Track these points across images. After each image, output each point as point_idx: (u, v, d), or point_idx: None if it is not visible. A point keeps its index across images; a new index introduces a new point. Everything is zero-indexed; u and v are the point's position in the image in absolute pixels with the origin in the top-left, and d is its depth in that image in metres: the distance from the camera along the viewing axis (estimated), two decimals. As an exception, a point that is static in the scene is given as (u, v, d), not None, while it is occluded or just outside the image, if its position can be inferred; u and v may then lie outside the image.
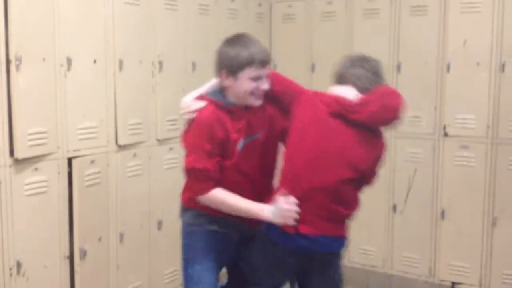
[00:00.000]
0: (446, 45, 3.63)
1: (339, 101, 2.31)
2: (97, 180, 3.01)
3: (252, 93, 2.29)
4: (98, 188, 3.02)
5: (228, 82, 2.32)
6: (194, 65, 3.61)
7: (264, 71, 2.30)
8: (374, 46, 3.86)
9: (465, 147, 3.61)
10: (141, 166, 3.29)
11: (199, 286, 2.37)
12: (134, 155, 3.24)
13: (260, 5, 4.17)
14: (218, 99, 2.34)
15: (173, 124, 3.47)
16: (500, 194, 3.52)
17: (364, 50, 3.85)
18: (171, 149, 3.47)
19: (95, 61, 3.01)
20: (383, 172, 3.82)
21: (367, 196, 3.08)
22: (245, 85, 2.27)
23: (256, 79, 2.28)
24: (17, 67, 2.59)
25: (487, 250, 3.59)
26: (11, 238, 2.64)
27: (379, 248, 3.96)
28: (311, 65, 4.14)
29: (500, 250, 3.56)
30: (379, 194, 3.90)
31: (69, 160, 2.88)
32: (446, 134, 3.67)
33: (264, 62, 2.29)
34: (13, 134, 2.61)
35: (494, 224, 3.56)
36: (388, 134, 3.80)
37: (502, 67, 3.48)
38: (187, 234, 2.46)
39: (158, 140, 3.40)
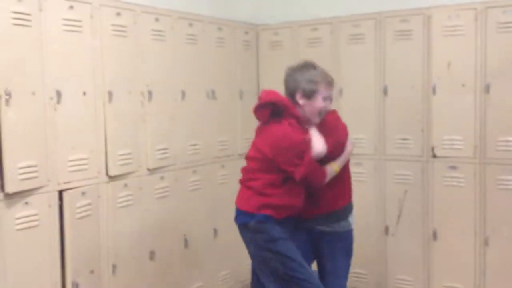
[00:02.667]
0: (431, 68, 3.70)
1: None
2: (88, 212, 3.00)
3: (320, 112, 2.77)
4: (89, 220, 3.01)
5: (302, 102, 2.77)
6: (183, 94, 3.64)
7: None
8: (360, 71, 3.95)
9: (453, 168, 3.65)
10: (132, 196, 3.28)
11: None
12: (125, 185, 3.24)
13: (246, 33, 4.23)
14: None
15: (164, 153, 3.48)
16: (490, 213, 3.55)
17: (351, 75, 3.99)
18: (162, 178, 3.48)
19: (84, 93, 3.02)
20: (372, 194, 3.91)
21: (358, 218, 3.12)
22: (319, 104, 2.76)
23: (325, 99, 2.77)
24: (7, 101, 2.60)
25: (480, 270, 3.60)
26: (2, 273, 2.61)
27: (372, 271, 3.97)
28: (298, 90, 4.18)
29: (493, 269, 3.57)
30: (370, 216, 3.93)
31: (60, 193, 2.87)
32: (434, 156, 3.71)
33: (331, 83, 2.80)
34: (3, 168, 2.60)
35: (486, 243, 3.58)
36: (378, 157, 3.89)
37: (487, 88, 3.54)
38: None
39: (148, 169, 3.40)
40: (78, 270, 2.93)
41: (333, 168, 2.83)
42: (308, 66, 2.82)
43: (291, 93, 2.82)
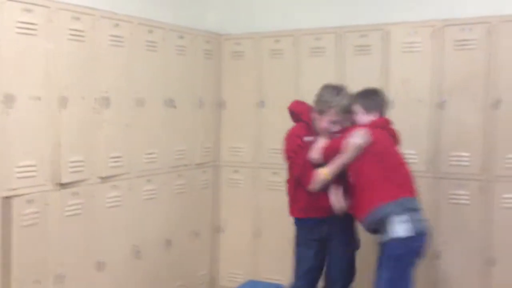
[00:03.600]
0: (388, 83, 3.74)
1: None
2: (35, 220, 2.91)
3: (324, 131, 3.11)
4: (36, 228, 2.92)
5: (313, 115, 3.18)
6: (141, 101, 3.59)
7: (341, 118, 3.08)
8: (320, 83, 3.95)
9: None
10: (82, 205, 3.20)
11: None
12: (75, 193, 3.15)
13: (208, 42, 4.21)
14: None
15: (117, 161, 3.42)
16: (443, 227, 3.59)
17: (311, 87, 4.00)
18: (115, 186, 3.41)
19: (38, 98, 2.95)
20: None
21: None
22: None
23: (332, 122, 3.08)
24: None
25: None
26: None
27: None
28: (260, 101, 4.19)
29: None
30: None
31: (6, 200, 2.78)
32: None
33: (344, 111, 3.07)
34: None
35: (437, 257, 3.62)
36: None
37: (442, 104, 3.60)
38: None
39: (101, 177, 3.33)
40: (22, 280, 2.84)
41: (321, 174, 3.00)
42: (338, 88, 3.14)
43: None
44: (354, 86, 3.81)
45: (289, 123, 4.02)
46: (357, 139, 2.93)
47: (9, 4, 2.78)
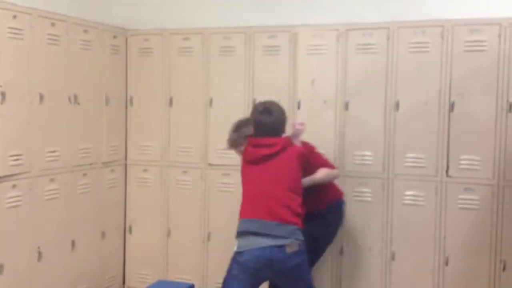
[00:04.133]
0: (296, 83, 3.83)
1: None
2: None
3: None
4: None
5: None
6: (41, 97, 3.42)
7: None
8: (229, 83, 3.99)
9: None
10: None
11: None
12: (-32, 194, 2.96)
13: (115, 37, 4.09)
14: None
15: (17, 159, 3.24)
16: (347, 224, 3.73)
17: (220, 86, 4.02)
18: (14, 186, 3.23)
19: None
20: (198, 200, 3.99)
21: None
22: None
23: None
24: None
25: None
26: None
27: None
28: (168, 99, 4.13)
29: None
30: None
31: None
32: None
33: None
34: None
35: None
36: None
37: (346, 105, 3.74)
38: None
39: (-2, 177, 3.15)
40: None
41: None
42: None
43: None
44: (264, 87, 3.91)
45: (198, 121, 4.03)
46: None
47: None
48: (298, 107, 3.82)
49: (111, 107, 4.06)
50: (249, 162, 3.10)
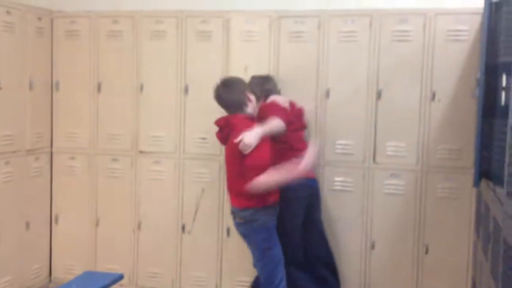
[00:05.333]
0: (229, 70, 3.79)
1: None
2: None
3: None
4: None
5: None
6: (-42, 81, 3.23)
7: None
8: (162, 68, 3.91)
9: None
10: None
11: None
12: None
13: (40, 19, 3.90)
14: None
15: None
16: (327, 214, 3.65)
17: (152, 71, 3.93)
18: None
19: None
20: (171, 192, 3.94)
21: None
22: None
23: None
24: None
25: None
26: None
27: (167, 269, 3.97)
28: (97, 84, 4.00)
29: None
30: (168, 214, 3.93)
31: None
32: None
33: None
34: None
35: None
36: (177, 155, 3.90)
37: (278, 93, 3.75)
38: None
39: None
40: None
41: None
42: None
43: None
44: (196, 71, 3.86)
45: (127, 107, 3.93)
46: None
47: None
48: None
49: (35, 92, 3.88)
50: None
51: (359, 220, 3.68)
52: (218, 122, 3.22)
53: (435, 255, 3.59)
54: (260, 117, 3.28)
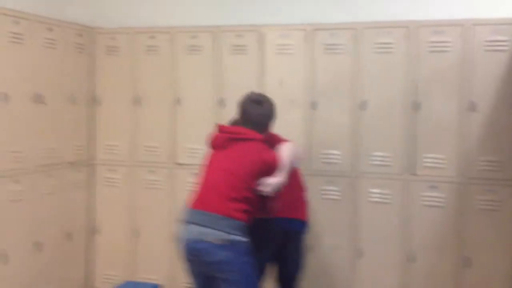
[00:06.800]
0: (265, 83, 3.82)
1: None
2: None
3: None
4: None
5: None
6: (6, 97, 3.35)
7: None
8: (198, 81, 3.98)
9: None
10: None
11: None
12: None
13: (80, 35, 4.03)
14: None
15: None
16: (316, 222, 3.76)
17: (188, 85, 4.00)
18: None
19: None
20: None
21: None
22: None
23: None
24: None
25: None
26: None
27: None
28: (136, 98, 4.09)
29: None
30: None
31: None
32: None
33: None
34: None
35: (311, 249, 3.79)
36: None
37: (314, 105, 3.76)
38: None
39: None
40: None
41: None
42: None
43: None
44: (231, 85, 3.90)
45: (165, 120, 4.01)
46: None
47: None
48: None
49: (77, 106, 4.00)
50: (212, 147, 2.95)
51: (397, 232, 3.64)
52: (233, 129, 2.95)
53: (476, 269, 3.51)
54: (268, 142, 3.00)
